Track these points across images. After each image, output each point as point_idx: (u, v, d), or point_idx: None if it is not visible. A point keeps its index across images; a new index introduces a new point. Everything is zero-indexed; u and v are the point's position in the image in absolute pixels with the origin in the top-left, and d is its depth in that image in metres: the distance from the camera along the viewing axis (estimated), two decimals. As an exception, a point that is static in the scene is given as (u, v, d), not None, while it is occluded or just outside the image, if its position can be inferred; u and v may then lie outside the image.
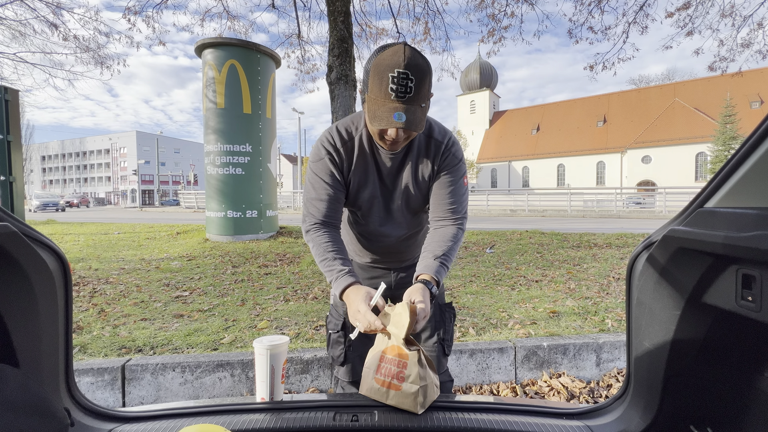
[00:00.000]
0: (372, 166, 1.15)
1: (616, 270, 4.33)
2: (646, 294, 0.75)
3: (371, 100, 0.94)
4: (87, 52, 8.31)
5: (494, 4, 7.18)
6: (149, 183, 63.30)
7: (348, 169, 1.13)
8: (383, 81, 0.90)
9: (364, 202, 1.18)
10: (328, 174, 1.12)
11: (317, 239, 1.12)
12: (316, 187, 1.13)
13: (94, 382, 1.93)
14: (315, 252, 1.12)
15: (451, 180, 1.15)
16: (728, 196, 0.60)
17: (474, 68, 54.94)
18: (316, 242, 1.12)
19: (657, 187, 20.76)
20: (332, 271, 1.05)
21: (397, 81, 0.89)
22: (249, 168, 6.77)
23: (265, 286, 3.77)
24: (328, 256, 1.08)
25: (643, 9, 6.75)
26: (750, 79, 36.73)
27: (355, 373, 1.30)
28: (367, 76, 0.95)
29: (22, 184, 3.67)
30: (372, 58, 0.94)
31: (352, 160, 1.13)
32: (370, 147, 1.13)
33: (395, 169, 1.15)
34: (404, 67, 0.89)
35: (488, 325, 2.66)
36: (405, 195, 1.17)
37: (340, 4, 5.02)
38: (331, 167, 1.12)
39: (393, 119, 0.91)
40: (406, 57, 0.89)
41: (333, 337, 1.28)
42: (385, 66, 0.90)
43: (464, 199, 1.19)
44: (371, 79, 0.93)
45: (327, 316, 1.33)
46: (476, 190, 24.63)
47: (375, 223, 1.22)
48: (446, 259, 1.11)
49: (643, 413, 0.80)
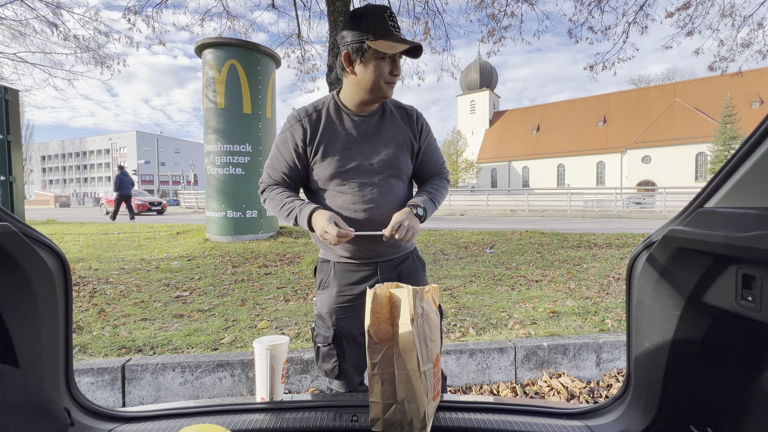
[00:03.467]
0: (344, 132, 1.18)
1: (616, 270, 4.33)
2: (646, 294, 0.75)
3: (378, 43, 1.04)
4: (87, 52, 8.32)
5: (494, 4, 7.18)
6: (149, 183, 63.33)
7: (312, 138, 1.16)
8: (382, 23, 1.05)
9: (343, 165, 1.16)
10: (287, 146, 1.18)
11: (272, 193, 1.20)
12: (273, 158, 1.22)
13: (94, 382, 1.93)
14: (274, 204, 1.18)
15: (433, 145, 1.32)
16: (728, 196, 0.60)
17: (474, 68, 54.94)
18: (272, 196, 1.19)
19: (657, 187, 20.76)
20: (294, 208, 1.13)
21: (392, 19, 1.07)
22: (249, 168, 6.77)
23: (265, 286, 3.77)
24: (286, 201, 1.16)
25: (643, 9, 6.75)
26: (750, 79, 36.75)
27: (351, 383, 1.27)
28: (360, 30, 1.06)
29: (22, 184, 3.67)
30: (355, 19, 1.07)
31: (318, 129, 1.17)
32: (338, 115, 1.19)
33: (371, 134, 1.19)
34: (389, 10, 1.08)
35: (488, 325, 2.66)
36: (386, 157, 1.19)
37: (340, 4, 5.02)
38: (292, 139, 1.17)
39: (408, 42, 1.06)
40: (379, 4, 1.10)
41: (323, 350, 1.24)
42: (376, 13, 1.06)
43: (443, 158, 1.39)
44: (371, 26, 1.04)
45: (313, 329, 1.29)
46: (476, 190, 24.59)
47: (356, 188, 1.16)
48: (434, 195, 1.25)
49: (643, 413, 0.80)
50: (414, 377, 0.85)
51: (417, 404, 0.84)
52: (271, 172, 1.23)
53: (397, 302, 0.88)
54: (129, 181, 12.02)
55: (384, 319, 0.88)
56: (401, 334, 0.86)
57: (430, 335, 0.91)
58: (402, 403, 0.86)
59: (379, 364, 0.88)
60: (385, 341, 0.88)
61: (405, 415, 0.85)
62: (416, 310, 0.87)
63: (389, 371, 0.87)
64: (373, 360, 0.88)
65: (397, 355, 0.87)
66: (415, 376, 0.84)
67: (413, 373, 0.85)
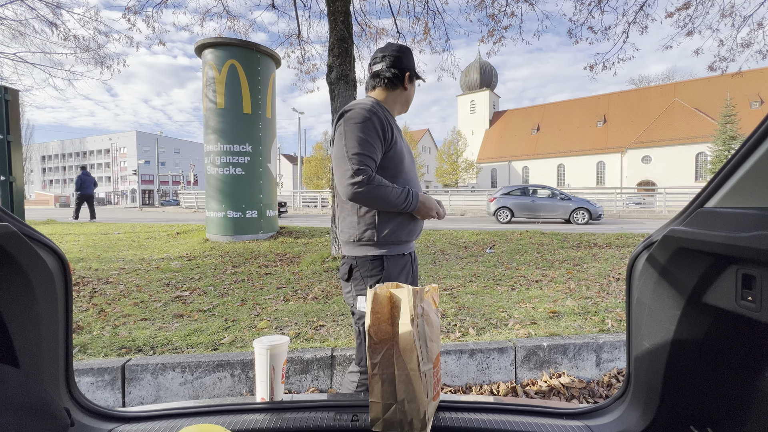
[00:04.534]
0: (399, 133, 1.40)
1: (616, 270, 4.33)
2: (646, 294, 0.75)
3: (418, 76, 1.44)
4: (87, 52, 8.31)
5: (494, 4, 7.17)
6: (149, 183, 63.31)
7: (391, 130, 1.30)
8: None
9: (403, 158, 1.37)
10: (377, 133, 1.26)
11: (380, 180, 1.22)
12: (366, 144, 1.22)
13: (94, 382, 1.93)
14: (383, 193, 1.20)
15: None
16: (728, 196, 0.60)
17: (474, 68, 54.92)
18: (381, 182, 1.21)
19: (657, 187, 20.74)
20: (403, 193, 1.26)
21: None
22: (249, 168, 6.77)
23: (265, 286, 3.77)
24: (396, 186, 1.25)
25: (643, 9, 6.75)
26: (750, 79, 36.73)
27: None
28: (413, 63, 1.42)
29: (22, 184, 3.67)
30: (410, 52, 1.42)
31: (390, 123, 1.31)
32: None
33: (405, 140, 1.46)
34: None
35: (488, 325, 2.66)
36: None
37: (340, 4, 5.02)
38: (381, 127, 1.27)
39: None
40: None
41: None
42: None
43: None
44: (414, 65, 1.42)
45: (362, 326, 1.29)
46: (476, 190, 24.57)
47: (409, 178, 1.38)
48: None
49: (643, 413, 0.80)
50: (414, 377, 0.85)
51: (417, 404, 0.85)
52: (370, 161, 1.21)
53: (398, 302, 0.88)
54: (91, 180, 12.04)
55: (384, 319, 0.88)
56: (401, 334, 0.86)
57: (430, 335, 0.91)
58: (402, 403, 0.86)
59: (380, 364, 0.88)
60: (386, 341, 0.88)
61: (405, 415, 0.85)
62: (416, 311, 0.87)
63: (389, 371, 0.88)
64: (374, 360, 0.88)
65: (398, 355, 0.87)
66: (415, 377, 0.84)
67: (413, 374, 0.85)
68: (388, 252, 1.28)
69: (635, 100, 45.13)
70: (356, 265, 1.29)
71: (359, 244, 1.28)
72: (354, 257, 1.30)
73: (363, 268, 1.28)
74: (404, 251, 1.33)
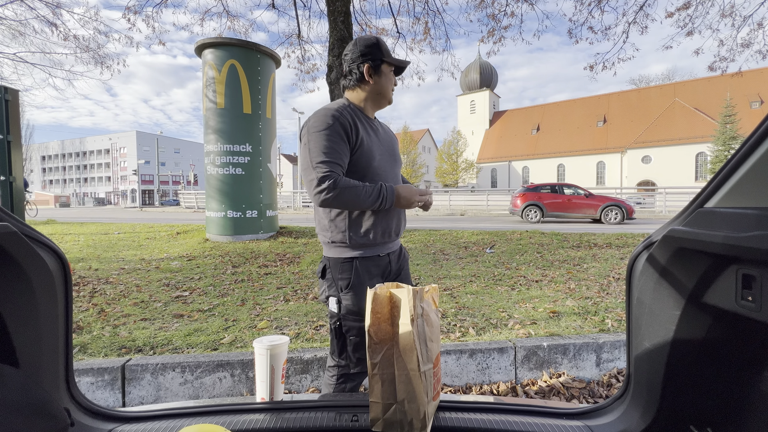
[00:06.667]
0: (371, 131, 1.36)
1: (616, 270, 4.33)
2: (646, 294, 0.75)
3: (390, 63, 1.35)
4: (87, 52, 8.32)
5: (494, 4, 7.19)
6: (149, 183, 63.31)
7: (356, 132, 1.27)
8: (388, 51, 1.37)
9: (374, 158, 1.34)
10: (342, 137, 1.24)
11: (347, 182, 1.20)
12: (330, 150, 1.22)
13: (94, 382, 1.93)
14: (352, 194, 1.18)
15: None
16: (728, 196, 0.60)
17: (474, 68, 54.92)
18: (348, 184, 1.19)
19: (657, 187, 20.74)
20: (374, 190, 1.22)
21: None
22: (249, 168, 6.77)
23: (265, 286, 3.77)
24: (365, 185, 1.22)
25: (643, 9, 6.76)
26: (750, 79, 36.73)
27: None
28: (380, 52, 1.32)
29: (22, 184, 3.67)
30: (372, 42, 1.32)
31: (356, 124, 1.28)
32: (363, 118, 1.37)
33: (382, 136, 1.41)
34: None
35: (488, 325, 2.66)
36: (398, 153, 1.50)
37: (340, 4, 5.02)
38: (342, 130, 1.24)
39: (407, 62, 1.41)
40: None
41: (356, 341, 1.28)
42: (384, 43, 1.36)
43: None
44: (385, 52, 1.33)
45: (338, 326, 1.30)
46: (476, 190, 24.58)
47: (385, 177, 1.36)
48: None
49: (643, 413, 0.80)
50: (414, 377, 0.85)
51: (417, 404, 0.85)
52: (335, 166, 1.20)
53: (397, 302, 0.88)
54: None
55: (384, 319, 0.88)
56: (401, 334, 0.86)
57: (430, 335, 0.91)
58: (402, 403, 0.86)
59: (380, 364, 0.88)
60: (386, 341, 0.88)
61: (405, 415, 0.85)
62: (416, 311, 0.87)
63: (389, 371, 0.88)
64: (374, 360, 0.88)
65: (398, 355, 0.87)
66: (415, 377, 0.84)
67: (413, 374, 0.85)
68: (361, 254, 1.29)
69: (635, 100, 45.12)
70: (329, 265, 1.31)
71: (333, 246, 1.30)
72: (328, 258, 1.32)
73: (335, 269, 1.30)
74: (380, 252, 1.33)
